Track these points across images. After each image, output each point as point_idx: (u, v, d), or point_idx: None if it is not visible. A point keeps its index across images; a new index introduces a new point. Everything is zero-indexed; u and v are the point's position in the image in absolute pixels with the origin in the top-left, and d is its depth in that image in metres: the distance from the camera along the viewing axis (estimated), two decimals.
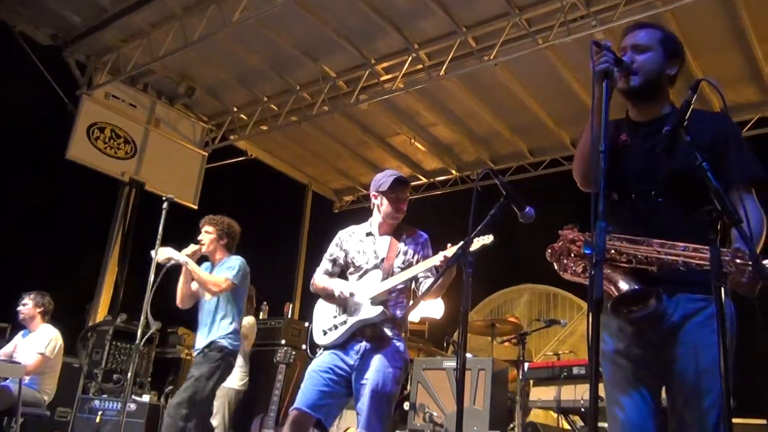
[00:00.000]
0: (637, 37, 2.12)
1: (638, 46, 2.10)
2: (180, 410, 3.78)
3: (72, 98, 7.38)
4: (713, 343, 1.70)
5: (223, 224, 4.46)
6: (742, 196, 1.98)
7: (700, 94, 1.85)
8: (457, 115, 7.89)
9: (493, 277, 8.70)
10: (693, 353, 1.91)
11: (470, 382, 4.37)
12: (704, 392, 1.87)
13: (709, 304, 1.86)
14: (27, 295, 5.41)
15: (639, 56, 2.09)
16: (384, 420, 3.04)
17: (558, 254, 2.06)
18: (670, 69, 2.14)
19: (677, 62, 2.15)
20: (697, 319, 1.94)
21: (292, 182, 9.93)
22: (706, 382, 1.86)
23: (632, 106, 2.19)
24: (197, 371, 3.97)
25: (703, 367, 1.88)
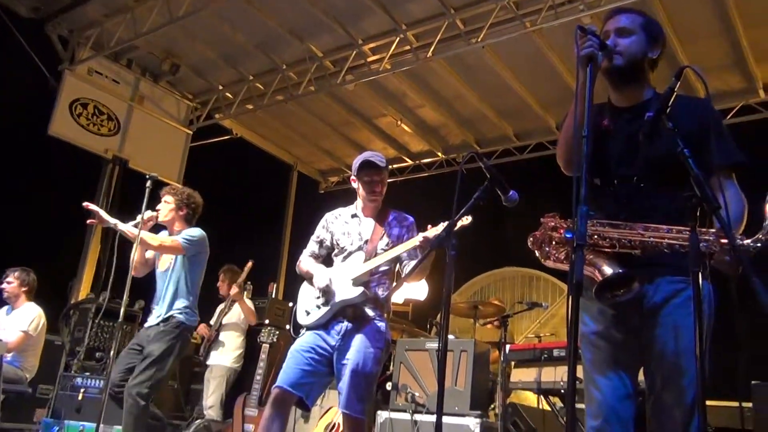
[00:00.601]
0: (620, 21, 2.14)
1: (621, 30, 2.12)
2: (142, 390, 3.73)
3: (54, 73, 7.26)
4: (692, 324, 1.74)
5: (183, 195, 4.35)
6: (723, 182, 2.00)
7: (685, 81, 1.87)
8: (443, 97, 7.88)
9: (476, 260, 8.75)
10: (673, 334, 1.95)
11: (452, 363, 4.42)
12: (683, 372, 1.90)
13: (689, 285, 1.88)
14: (11, 272, 5.36)
15: (622, 40, 2.11)
16: (364, 399, 3.07)
17: (540, 242, 2.08)
18: (652, 52, 2.15)
19: (659, 46, 2.17)
20: (677, 301, 1.97)
21: (277, 162, 9.88)
22: (686, 362, 1.90)
23: (614, 89, 2.21)
24: (156, 349, 3.87)
25: (683, 348, 1.91)
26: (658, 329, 1.98)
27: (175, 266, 4.14)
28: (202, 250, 4.23)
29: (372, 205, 3.37)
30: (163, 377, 3.91)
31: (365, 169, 3.31)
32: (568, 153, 2.17)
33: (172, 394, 6.87)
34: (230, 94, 8.36)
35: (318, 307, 3.24)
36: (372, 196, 3.34)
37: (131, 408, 3.69)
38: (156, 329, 3.97)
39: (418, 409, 4.36)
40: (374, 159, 3.31)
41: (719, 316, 1.99)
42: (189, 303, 4.11)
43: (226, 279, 6.17)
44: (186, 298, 4.10)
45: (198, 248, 4.17)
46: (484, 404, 4.52)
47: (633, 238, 1.92)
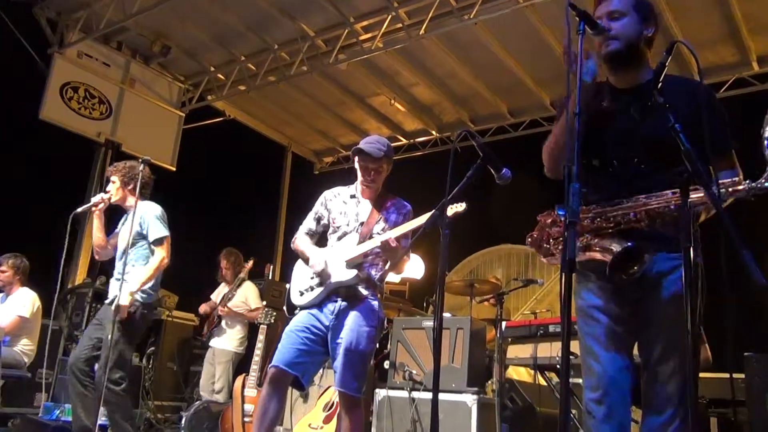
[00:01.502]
0: (611, 4, 2.13)
1: (613, 13, 2.12)
2: (112, 375, 3.70)
3: (44, 57, 7.19)
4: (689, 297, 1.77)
5: (124, 169, 4.19)
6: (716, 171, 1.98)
7: (679, 56, 1.87)
8: (437, 75, 7.84)
9: (472, 238, 8.77)
10: (673, 305, 1.97)
11: (449, 340, 4.44)
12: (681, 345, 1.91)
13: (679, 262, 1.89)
14: (4, 260, 5.34)
15: (615, 23, 2.10)
16: (359, 377, 3.11)
17: (538, 241, 2.10)
18: (647, 30, 2.15)
19: (653, 23, 2.17)
20: (673, 276, 2.01)
21: (271, 143, 9.85)
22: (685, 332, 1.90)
23: (613, 72, 2.21)
24: (116, 332, 3.76)
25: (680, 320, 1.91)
26: (659, 300, 2.02)
27: (136, 245, 4.05)
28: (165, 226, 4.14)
29: (367, 188, 3.37)
30: (130, 357, 3.92)
31: (360, 155, 3.31)
32: (549, 163, 2.23)
33: (171, 376, 6.92)
34: (222, 75, 8.30)
35: (312, 287, 3.26)
36: (366, 182, 3.35)
37: (107, 396, 3.66)
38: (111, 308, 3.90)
39: (415, 387, 4.40)
40: (368, 148, 3.26)
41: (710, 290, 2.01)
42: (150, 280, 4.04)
43: (229, 263, 6.16)
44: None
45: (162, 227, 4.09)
46: (481, 381, 4.56)
47: (637, 210, 1.94)
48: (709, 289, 2.02)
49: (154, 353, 6.72)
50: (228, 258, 6.17)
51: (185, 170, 8.09)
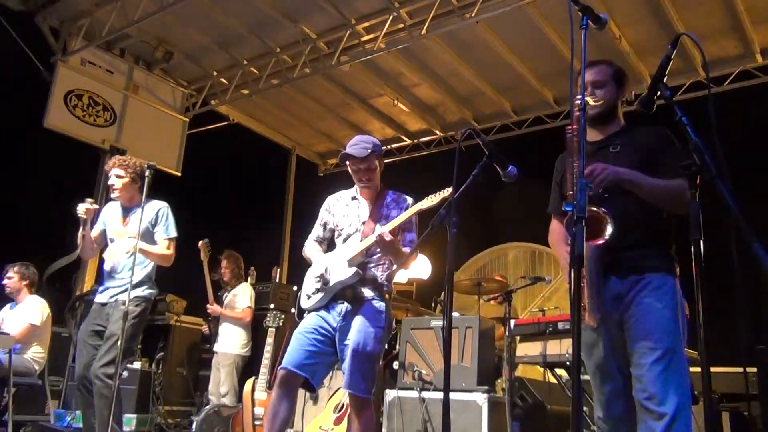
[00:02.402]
0: (594, 75, 2.52)
1: (596, 83, 2.51)
2: (108, 370, 3.62)
3: (47, 65, 7.22)
4: (656, 309, 2.26)
5: (135, 166, 4.06)
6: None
7: (682, 51, 1.86)
8: (439, 75, 7.83)
9: (479, 237, 8.77)
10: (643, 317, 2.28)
11: (458, 340, 4.44)
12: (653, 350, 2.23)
13: (652, 280, 2.32)
14: (10, 267, 5.35)
15: (599, 91, 2.51)
16: (367, 378, 3.10)
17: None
18: (622, 96, 2.60)
19: (625, 89, 2.61)
20: (645, 292, 2.31)
21: (275, 147, 9.86)
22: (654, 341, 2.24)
23: (591, 128, 2.57)
24: (118, 328, 3.65)
25: (650, 328, 2.25)
26: (632, 316, 2.31)
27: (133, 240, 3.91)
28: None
29: (364, 189, 3.38)
30: (131, 356, 3.88)
31: (348, 159, 3.31)
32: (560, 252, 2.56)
33: (181, 381, 6.93)
34: (225, 79, 8.31)
35: (317, 290, 3.28)
36: (361, 183, 3.37)
37: (101, 389, 3.58)
38: (115, 307, 3.81)
39: (425, 387, 4.39)
40: (353, 150, 3.27)
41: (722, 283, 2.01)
42: (147, 276, 3.97)
43: (229, 266, 6.16)
44: (144, 270, 3.97)
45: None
46: (491, 379, 4.55)
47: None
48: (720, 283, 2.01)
49: (163, 358, 6.73)
50: (228, 259, 6.17)
51: (190, 175, 8.10)
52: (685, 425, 2.15)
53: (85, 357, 3.81)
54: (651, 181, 2.28)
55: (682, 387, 2.21)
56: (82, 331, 3.96)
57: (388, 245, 3.09)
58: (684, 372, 2.26)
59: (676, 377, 2.20)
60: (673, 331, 2.26)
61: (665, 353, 2.21)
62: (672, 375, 2.20)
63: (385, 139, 9.55)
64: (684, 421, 2.15)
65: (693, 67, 6.91)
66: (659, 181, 2.29)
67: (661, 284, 2.32)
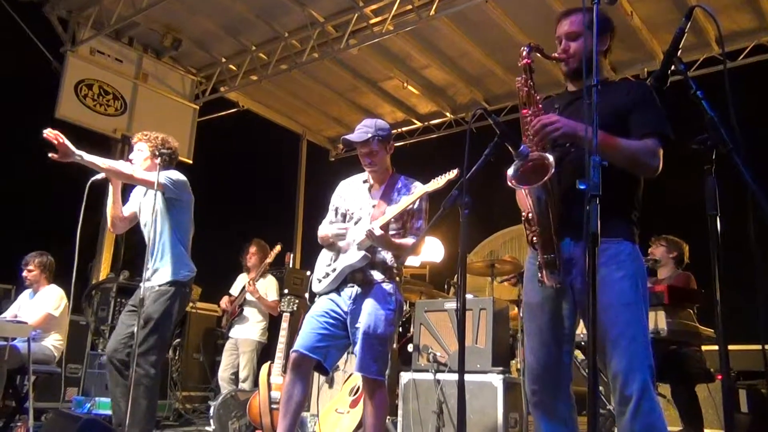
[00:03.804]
0: (567, 26, 2.40)
1: (570, 34, 2.39)
2: (149, 357, 3.52)
3: (57, 56, 7.24)
4: (613, 280, 2.12)
5: (157, 140, 3.92)
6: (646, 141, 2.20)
7: (694, 24, 1.83)
8: (449, 56, 7.77)
9: (491, 219, 8.73)
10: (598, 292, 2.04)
11: (472, 321, 4.44)
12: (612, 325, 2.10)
13: (610, 246, 2.15)
14: (30, 259, 5.39)
15: (573, 43, 2.38)
16: (379, 360, 3.12)
17: None
18: (602, 45, 2.37)
19: (607, 37, 2.40)
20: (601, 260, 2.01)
21: (286, 132, 9.86)
22: (613, 315, 2.11)
23: (570, 82, 2.49)
24: (154, 312, 3.59)
25: (606, 302, 2.08)
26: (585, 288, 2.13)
27: (158, 218, 3.80)
28: (184, 193, 3.90)
29: (375, 172, 3.37)
30: (167, 340, 3.74)
31: (350, 144, 3.31)
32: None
33: (197, 367, 7.01)
34: (234, 66, 8.30)
35: (327, 274, 3.30)
36: (367, 168, 3.37)
37: (141, 378, 3.47)
38: (150, 290, 3.68)
39: (440, 369, 4.41)
40: (353, 135, 3.29)
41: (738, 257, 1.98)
42: (181, 255, 3.80)
43: (257, 253, 6.21)
44: (177, 250, 3.79)
45: (180, 190, 3.85)
46: (505, 360, 4.56)
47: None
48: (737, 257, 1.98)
49: (180, 345, 6.81)
50: (257, 245, 6.23)
51: (201, 163, 8.12)
52: (650, 407, 2.04)
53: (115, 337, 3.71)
54: (611, 141, 2.11)
55: (645, 363, 2.07)
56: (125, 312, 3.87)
57: (378, 240, 3.11)
58: (646, 346, 2.11)
59: (639, 353, 2.08)
60: (632, 302, 2.14)
61: (626, 328, 2.09)
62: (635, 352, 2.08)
63: (396, 123, 9.51)
64: (649, 403, 2.03)
65: (706, 42, 6.80)
66: (622, 141, 2.15)
67: (618, 251, 2.19)
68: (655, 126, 2.22)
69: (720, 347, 1.63)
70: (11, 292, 6.16)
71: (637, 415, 2.03)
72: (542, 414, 2.29)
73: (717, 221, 1.64)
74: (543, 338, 2.29)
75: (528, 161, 2.16)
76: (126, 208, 4.01)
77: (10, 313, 5.34)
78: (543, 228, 2.20)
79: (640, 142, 2.19)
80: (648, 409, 2.03)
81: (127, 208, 4.02)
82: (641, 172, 2.26)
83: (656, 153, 2.20)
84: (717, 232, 1.63)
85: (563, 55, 2.39)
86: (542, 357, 2.29)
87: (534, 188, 2.14)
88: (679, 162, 2.36)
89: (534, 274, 2.30)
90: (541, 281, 2.25)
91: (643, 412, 2.03)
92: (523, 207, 2.29)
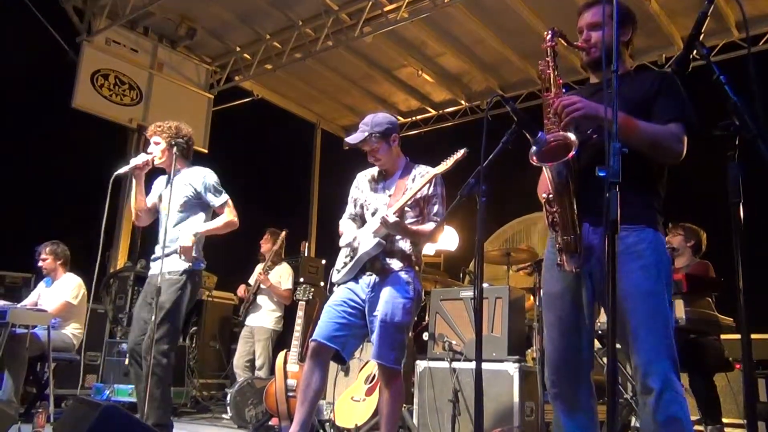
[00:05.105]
0: (589, 17, 2.39)
1: (591, 25, 2.38)
2: (161, 347, 3.53)
3: (73, 46, 7.28)
4: (632, 269, 2.08)
5: (171, 130, 3.90)
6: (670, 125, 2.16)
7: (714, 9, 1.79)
8: (464, 44, 7.71)
9: (507, 207, 8.68)
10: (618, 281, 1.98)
11: (488, 310, 4.43)
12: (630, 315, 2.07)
13: (630, 233, 2.12)
14: (42, 248, 5.44)
15: (594, 33, 2.37)
16: (396, 348, 3.13)
17: None
18: (624, 36, 2.38)
19: (629, 28, 2.40)
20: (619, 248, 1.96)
21: (300, 121, 9.86)
22: (631, 303, 2.07)
23: (592, 73, 2.50)
24: (166, 300, 3.60)
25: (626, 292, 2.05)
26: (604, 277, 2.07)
27: (181, 209, 3.86)
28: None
29: (384, 165, 3.39)
30: (179, 329, 3.74)
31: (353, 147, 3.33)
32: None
33: (214, 355, 7.06)
34: (248, 55, 8.30)
35: (345, 264, 3.32)
36: (374, 163, 3.39)
37: (153, 368, 3.44)
38: (162, 278, 3.67)
39: (456, 357, 4.40)
40: (350, 139, 3.32)
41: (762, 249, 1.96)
42: (195, 247, 3.79)
43: (269, 241, 6.24)
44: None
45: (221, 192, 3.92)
46: (521, 349, 4.54)
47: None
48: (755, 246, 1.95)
49: (196, 332, 6.86)
50: (270, 233, 6.26)
51: (217, 152, 8.14)
52: (672, 398, 2.00)
53: (134, 332, 3.74)
54: (632, 123, 2.08)
55: (666, 354, 2.03)
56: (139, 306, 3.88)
57: (393, 227, 3.11)
58: (668, 337, 2.06)
59: (660, 344, 2.04)
60: (651, 292, 2.09)
61: (645, 318, 2.05)
62: (655, 343, 2.04)
63: (410, 111, 9.48)
64: (671, 394, 2.00)
65: (726, 27, 6.69)
66: (644, 124, 2.12)
67: (639, 239, 2.14)
68: (679, 111, 2.18)
69: (743, 337, 1.60)
70: (31, 280, 6.25)
71: (658, 406, 2.00)
72: (562, 405, 2.28)
73: (740, 209, 1.61)
74: (562, 328, 2.27)
75: (551, 141, 2.14)
76: (149, 199, 4.02)
77: (29, 301, 5.41)
78: (563, 208, 2.17)
79: (663, 126, 2.15)
80: (669, 400, 2.00)
81: (150, 199, 4.03)
82: (664, 157, 2.21)
83: (680, 138, 2.16)
84: (740, 220, 1.60)
85: (584, 44, 2.38)
86: (562, 347, 2.26)
87: (555, 165, 2.11)
88: (697, 147, 2.33)
89: (553, 263, 2.27)
90: (560, 265, 2.22)
91: (664, 403, 2.00)
92: (544, 190, 2.26)
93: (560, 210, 2.18)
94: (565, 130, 2.16)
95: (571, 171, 2.14)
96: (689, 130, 2.18)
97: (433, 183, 3.29)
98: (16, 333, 4.62)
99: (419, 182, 3.21)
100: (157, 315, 3.56)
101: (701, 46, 1.75)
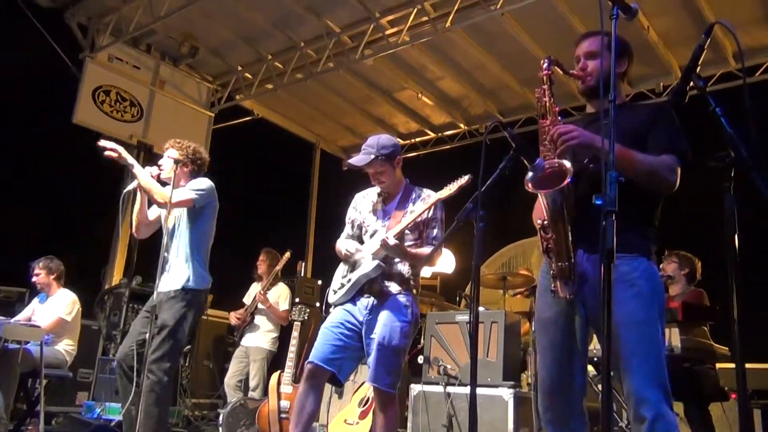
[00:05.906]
0: (586, 46, 2.42)
1: (588, 53, 2.41)
2: (162, 365, 3.47)
3: (75, 62, 7.32)
4: (625, 298, 2.07)
5: (189, 149, 3.96)
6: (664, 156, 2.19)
7: (711, 40, 1.81)
8: (464, 68, 7.78)
9: (504, 230, 8.70)
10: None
11: (483, 334, 4.42)
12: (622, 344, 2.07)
13: (623, 261, 2.13)
14: (36, 264, 5.42)
15: (590, 61, 2.40)
16: (392, 372, 3.11)
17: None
18: (620, 68, 2.39)
19: (625, 60, 2.43)
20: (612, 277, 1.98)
21: (300, 141, 9.89)
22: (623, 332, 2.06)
23: (588, 101, 2.52)
24: (169, 318, 3.56)
25: (617, 321, 2.00)
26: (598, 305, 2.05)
27: (181, 223, 3.81)
28: (212, 200, 3.91)
29: (387, 188, 3.39)
30: (181, 347, 3.71)
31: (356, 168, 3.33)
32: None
33: (207, 374, 7.01)
34: (249, 74, 8.36)
35: (342, 285, 3.30)
36: (378, 186, 3.39)
37: (153, 385, 3.40)
38: (166, 296, 3.64)
39: (450, 382, 4.38)
40: (354, 161, 3.29)
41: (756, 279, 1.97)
42: (199, 263, 3.77)
43: (266, 261, 6.22)
44: (195, 258, 3.76)
45: (207, 198, 3.85)
46: (516, 374, 4.52)
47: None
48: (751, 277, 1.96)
49: (190, 351, 6.81)
50: (267, 254, 6.24)
51: (215, 170, 8.10)
52: (664, 428, 1.98)
53: (127, 342, 3.68)
54: (628, 154, 2.10)
55: (658, 383, 2.04)
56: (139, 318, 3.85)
57: (392, 249, 3.11)
58: (660, 365, 2.07)
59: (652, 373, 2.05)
60: (643, 320, 2.10)
61: (637, 347, 2.06)
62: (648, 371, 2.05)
63: (409, 133, 9.52)
64: (663, 424, 1.99)
65: (723, 58, 6.76)
66: (639, 155, 2.14)
67: (631, 268, 2.15)
68: (673, 143, 2.21)
69: (737, 367, 1.61)
70: (25, 295, 6.21)
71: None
72: (555, 430, 2.27)
73: (735, 240, 1.62)
74: (555, 354, 2.27)
75: (546, 168, 2.15)
76: (150, 212, 4.01)
77: (23, 316, 5.38)
78: (558, 235, 2.18)
79: (657, 157, 2.17)
80: (662, 430, 1.99)
81: (152, 213, 4.02)
82: (658, 187, 2.23)
83: (674, 169, 2.19)
84: (735, 251, 1.61)
85: (580, 72, 2.42)
86: (555, 373, 2.26)
87: (550, 193, 2.12)
88: (693, 176, 2.35)
89: (547, 288, 2.28)
90: (554, 291, 2.22)
91: None
92: (539, 216, 2.28)
93: (555, 237, 2.19)
94: (561, 158, 2.17)
95: (566, 198, 2.15)
96: (682, 162, 2.20)
97: (434, 207, 3.30)
98: (8, 348, 4.60)
99: (421, 206, 3.21)
100: (161, 333, 3.52)
101: (698, 78, 1.77)
